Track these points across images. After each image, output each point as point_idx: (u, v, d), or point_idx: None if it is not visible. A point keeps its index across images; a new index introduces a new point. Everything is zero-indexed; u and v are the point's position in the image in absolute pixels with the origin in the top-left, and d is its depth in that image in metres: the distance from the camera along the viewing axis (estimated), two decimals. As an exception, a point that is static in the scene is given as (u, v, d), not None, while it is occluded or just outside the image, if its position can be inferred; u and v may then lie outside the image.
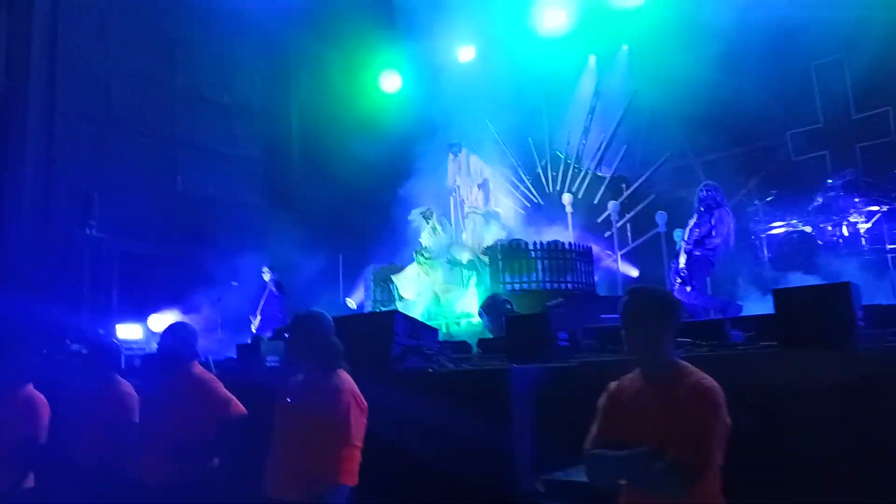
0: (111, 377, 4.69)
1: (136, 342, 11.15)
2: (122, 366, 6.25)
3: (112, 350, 4.94)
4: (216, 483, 3.89)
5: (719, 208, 7.70)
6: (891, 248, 8.63)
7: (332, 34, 15.22)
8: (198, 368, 4.10)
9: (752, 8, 10.33)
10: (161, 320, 11.59)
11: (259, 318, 11.53)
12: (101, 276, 12.15)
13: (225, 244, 14.50)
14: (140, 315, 12.29)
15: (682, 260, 7.76)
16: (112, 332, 10.99)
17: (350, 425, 3.08)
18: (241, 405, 3.97)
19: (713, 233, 7.60)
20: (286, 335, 3.41)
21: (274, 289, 11.68)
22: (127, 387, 4.65)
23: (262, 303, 11.61)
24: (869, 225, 9.16)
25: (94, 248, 12.35)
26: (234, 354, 6.40)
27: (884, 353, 3.19)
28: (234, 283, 11.62)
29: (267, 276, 11.77)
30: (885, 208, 9.05)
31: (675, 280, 7.82)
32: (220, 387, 3.98)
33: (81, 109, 13.99)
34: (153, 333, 11.45)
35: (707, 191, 7.82)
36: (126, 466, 4.30)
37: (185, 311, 11.67)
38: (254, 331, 10.97)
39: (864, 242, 9.13)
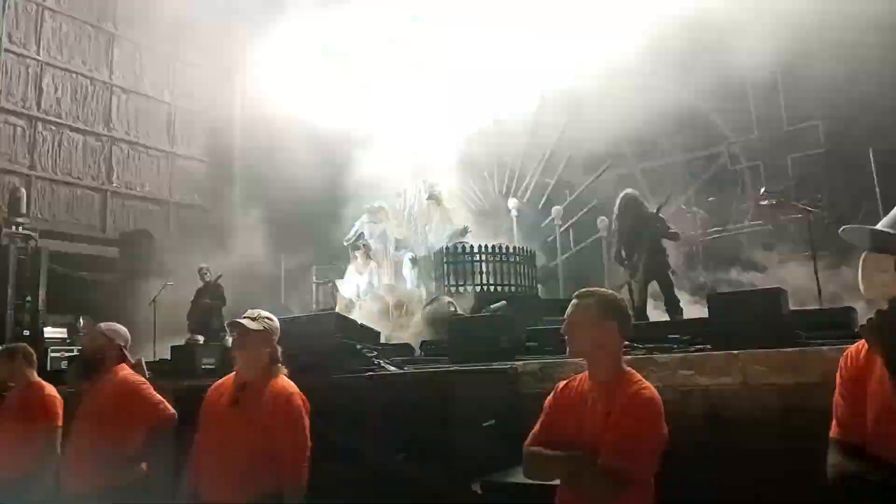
0: (30, 379, 4.45)
1: (63, 343, 10.65)
2: (47, 367, 5.99)
3: (29, 351, 4.69)
4: (145, 490, 3.74)
5: None
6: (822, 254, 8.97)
7: (277, 27, 14.96)
8: (126, 371, 3.92)
9: (685, 20, 10.61)
10: (91, 322, 11.13)
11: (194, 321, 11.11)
12: (28, 275, 11.59)
13: (161, 243, 14.08)
14: (69, 315, 11.78)
15: None
16: (38, 333, 10.49)
17: (305, 428, 3.06)
18: (170, 408, 3.82)
19: None
20: (228, 338, 3.30)
21: (209, 290, 11.29)
22: (49, 388, 4.42)
23: (199, 302, 11.24)
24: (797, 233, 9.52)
25: (22, 246, 11.80)
26: (167, 356, 6.20)
27: (811, 355, 3.30)
28: (170, 283, 11.23)
29: (207, 277, 11.40)
30: (812, 217, 9.40)
31: None
32: (150, 389, 3.82)
33: (11, 103, 13.38)
34: (82, 334, 10.98)
35: None
36: (47, 474, 4.11)
37: (117, 312, 11.23)
38: (189, 333, 10.57)
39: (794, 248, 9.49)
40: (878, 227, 1.80)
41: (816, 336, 3.89)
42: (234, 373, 3.24)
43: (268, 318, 3.22)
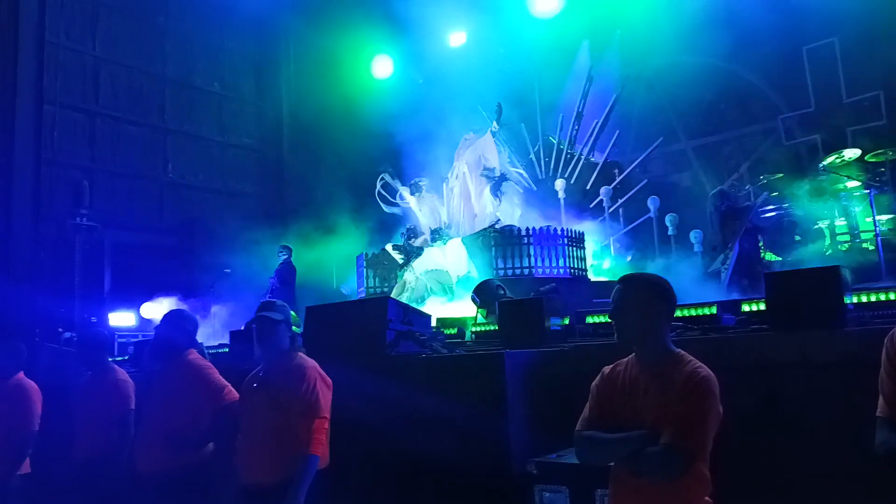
0: (104, 364, 4.68)
1: (129, 330, 11.11)
2: (115, 353, 6.27)
3: (104, 338, 4.93)
4: (212, 470, 3.91)
5: None
6: (879, 231, 8.66)
7: (323, 19, 15.11)
8: (194, 356, 4.09)
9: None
10: (154, 308, 11.56)
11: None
12: (92, 264, 12.11)
13: (217, 232, 14.47)
14: (133, 303, 12.25)
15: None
16: (104, 321, 10.96)
17: (319, 398, 3.28)
18: (234, 391, 3.99)
19: None
20: (253, 325, 3.52)
21: (275, 279, 11.59)
22: (121, 374, 4.64)
23: (272, 279, 11.55)
24: (859, 209, 9.19)
25: (86, 237, 12.31)
26: (226, 341, 6.40)
27: (871, 334, 3.23)
28: (227, 270, 11.57)
29: (283, 256, 11.75)
30: (876, 192, 9.07)
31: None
32: (216, 374, 3.99)
33: (70, 99, 13.90)
34: (146, 321, 11.41)
35: None
36: (122, 455, 4.31)
37: (179, 299, 11.64)
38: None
39: (854, 226, 9.16)
40: None
41: (877, 315, 3.80)
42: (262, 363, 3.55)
43: (284, 308, 3.57)
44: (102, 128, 14.45)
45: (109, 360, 4.73)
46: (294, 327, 3.64)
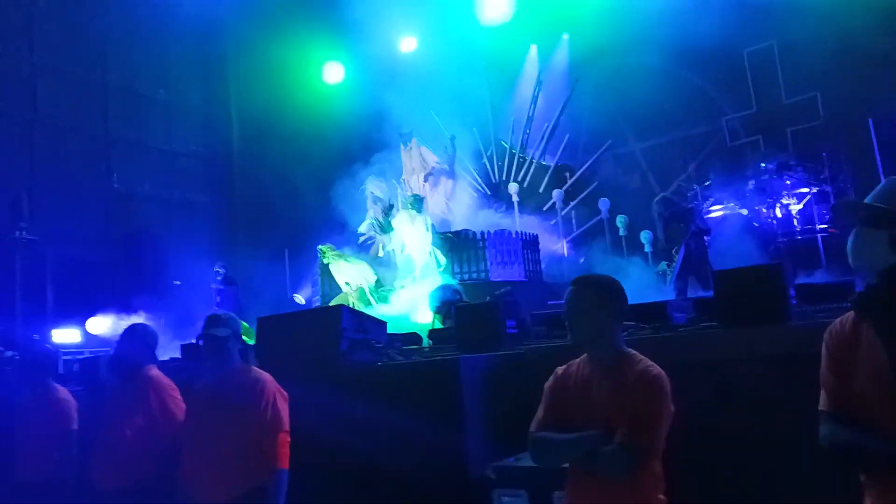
0: (46, 383, 4.51)
1: (74, 346, 10.72)
2: (59, 371, 6.04)
3: (47, 356, 4.75)
4: (171, 487, 3.80)
5: None
6: (820, 229, 8.98)
7: (272, 25, 14.92)
8: (155, 371, 3.99)
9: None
10: (100, 323, 11.19)
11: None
12: (34, 280, 11.66)
13: (165, 243, 14.12)
14: (78, 319, 11.84)
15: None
16: (47, 337, 10.57)
17: (280, 413, 3.23)
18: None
19: None
20: (198, 339, 3.43)
21: (221, 285, 11.34)
22: (63, 392, 4.48)
23: (216, 300, 11.25)
24: (800, 206, 9.51)
25: (26, 251, 11.85)
26: (178, 355, 6.24)
27: (816, 328, 3.32)
28: (177, 283, 11.29)
29: (219, 276, 11.41)
30: (814, 190, 9.41)
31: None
32: (177, 396, 3.89)
33: (6, 108, 13.37)
34: (92, 337, 11.04)
35: None
36: (67, 474, 4.17)
37: (123, 314, 11.30)
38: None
39: (795, 223, 9.48)
40: (867, 200, 1.83)
41: (821, 309, 3.92)
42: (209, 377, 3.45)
43: (231, 320, 3.46)
44: (42, 137, 13.94)
45: (50, 379, 4.55)
46: (245, 338, 3.56)
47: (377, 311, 8.77)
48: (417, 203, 10.25)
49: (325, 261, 10.30)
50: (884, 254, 1.75)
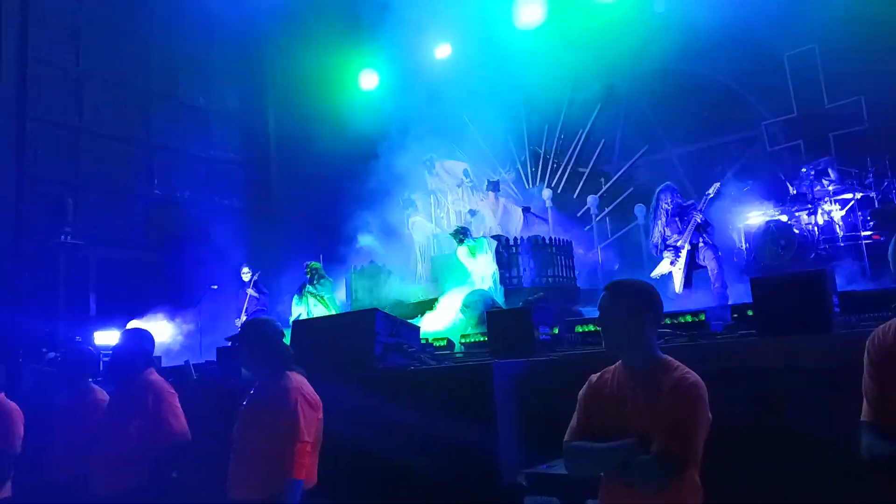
0: (87, 385, 4.60)
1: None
2: (100, 373, 6.18)
3: (88, 357, 4.85)
4: (175, 494, 3.84)
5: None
6: (864, 235, 8.73)
7: (309, 33, 15.13)
8: (154, 376, 4.03)
9: (725, -1, 10.41)
10: (141, 326, 11.42)
11: (245, 318, 11.30)
12: (77, 282, 11.97)
13: (204, 247, 14.38)
14: (119, 321, 12.11)
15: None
16: (90, 340, 10.83)
17: (298, 421, 3.14)
18: (184, 429, 3.88)
19: None
20: (236, 343, 3.45)
21: (253, 291, 11.50)
22: (101, 394, 4.56)
23: (245, 304, 11.42)
24: (843, 213, 9.25)
25: (70, 255, 12.17)
26: (213, 358, 6.34)
27: (859, 338, 3.24)
28: (214, 287, 11.47)
29: (247, 276, 11.57)
30: (858, 196, 9.14)
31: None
32: (176, 405, 3.91)
33: (53, 115, 13.79)
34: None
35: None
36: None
37: (166, 316, 11.54)
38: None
39: (838, 230, 9.22)
40: None
41: (864, 318, 3.81)
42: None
43: (265, 324, 3.47)
44: (86, 144, 14.34)
45: (90, 380, 4.64)
46: (276, 345, 3.52)
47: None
48: (460, 235, 9.75)
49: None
50: None
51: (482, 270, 9.34)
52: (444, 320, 8.60)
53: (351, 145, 14.13)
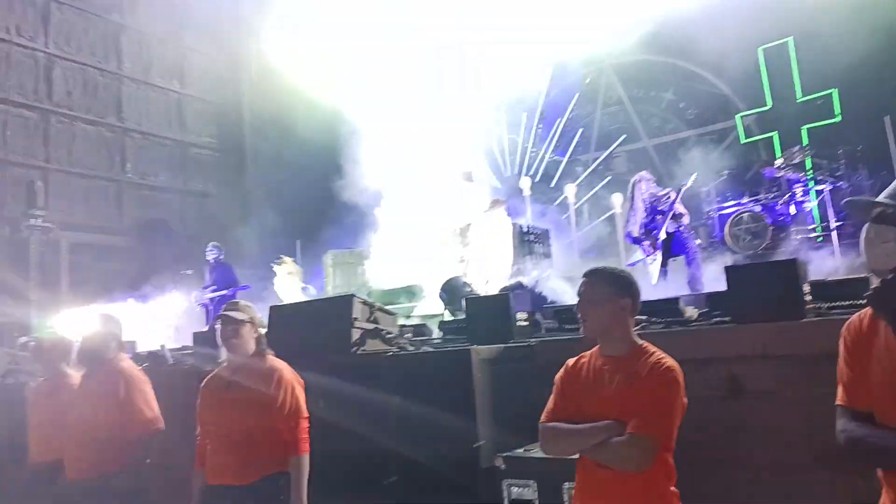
0: (61, 371, 4.54)
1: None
2: (74, 358, 6.09)
3: (61, 343, 4.78)
4: (136, 481, 3.81)
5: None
6: (836, 226, 8.91)
7: (288, 19, 14.93)
8: (126, 362, 4.02)
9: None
10: (113, 311, 11.25)
11: (212, 290, 10.77)
12: (48, 266, 11.76)
13: (178, 232, 14.22)
14: (91, 305, 11.94)
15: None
16: (61, 324, 10.66)
17: (299, 400, 3.25)
18: (161, 421, 3.88)
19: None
20: (217, 325, 3.43)
21: (215, 264, 10.90)
22: (75, 378, 4.50)
23: (209, 279, 10.93)
24: (815, 203, 9.44)
25: (41, 238, 11.95)
26: (189, 342, 6.29)
27: (829, 325, 3.31)
28: (188, 272, 11.33)
29: (211, 256, 11.02)
30: (830, 187, 9.33)
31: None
32: (149, 392, 3.90)
33: (22, 96, 13.48)
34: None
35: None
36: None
37: (139, 301, 11.38)
38: (206, 299, 10.33)
39: (810, 220, 9.42)
40: (879, 198, 1.83)
41: (835, 306, 3.90)
42: (225, 363, 3.43)
43: (249, 307, 3.45)
44: (57, 126, 14.05)
45: (64, 365, 4.58)
46: (259, 328, 3.55)
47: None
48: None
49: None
50: (895, 251, 1.76)
51: (494, 251, 9.16)
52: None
53: (327, 131, 14.00)
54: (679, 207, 8.08)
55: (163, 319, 10.71)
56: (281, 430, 3.17)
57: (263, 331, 3.51)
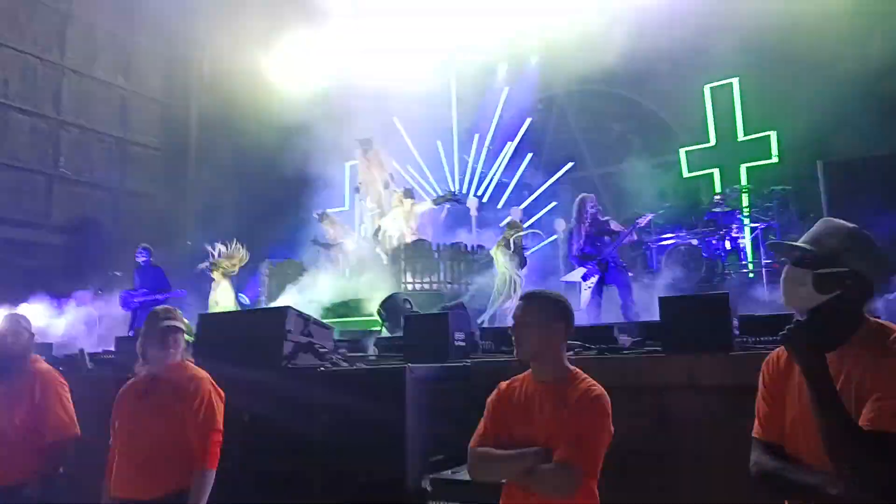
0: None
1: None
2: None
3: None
4: (53, 487, 3.68)
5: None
6: (766, 263, 9.23)
7: (237, 18, 14.68)
8: (42, 364, 3.90)
9: (654, 27, 10.78)
10: (32, 310, 10.71)
11: (143, 293, 10.30)
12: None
13: (110, 232, 13.70)
14: (11, 302, 11.34)
15: None
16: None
17: (214, 411, 3.16)
18: (76, 427, 3.77)
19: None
20: (141, 331, 3.31)
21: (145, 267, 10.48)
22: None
23: (140, 280, 10.50)
24: (748, 240, 9.77)
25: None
26: (112, 347, 6.02)
27: (755, 359, 3.38)
28: (117, 274, 10.89)
29: (140, 258, 10.56)
30: (762, 226, 9.67)
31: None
32: (67, 397, 3.78)
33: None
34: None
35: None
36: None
37: (64, 302, 10.86)
38: (136, 302, 9.92)
39: (742, 256, 9.74)
40: (799, 242, 1.90)
41: (760, 341, 3.99)
42: (144, 371, 3.31)
43: (180, 314, 3.39)
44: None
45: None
46: (187, 336, 3.45)
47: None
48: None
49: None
50: (810, 294, 1.83)
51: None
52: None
53: (277, 141, 13.77)
54: (634, 237, 8.22)
55: (85, 322, 10.26)
56: (191, 440, 3.06)
57: (191, 339, 3.43)
